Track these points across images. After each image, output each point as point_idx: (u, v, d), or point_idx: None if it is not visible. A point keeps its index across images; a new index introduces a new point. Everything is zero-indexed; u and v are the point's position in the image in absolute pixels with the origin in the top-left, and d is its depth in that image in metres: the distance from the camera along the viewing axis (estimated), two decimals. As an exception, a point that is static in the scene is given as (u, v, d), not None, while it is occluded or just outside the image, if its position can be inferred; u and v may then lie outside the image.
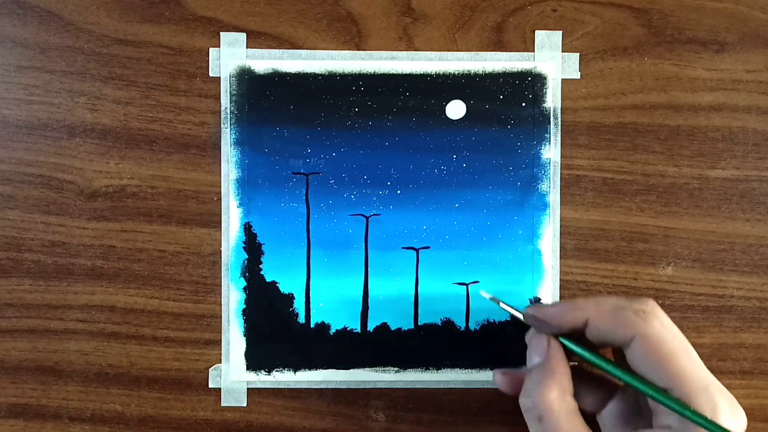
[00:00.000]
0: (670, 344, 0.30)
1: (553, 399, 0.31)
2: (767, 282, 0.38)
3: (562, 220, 0.37)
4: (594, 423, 0.33)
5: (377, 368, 0.37)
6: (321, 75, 0.37)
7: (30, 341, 0.37)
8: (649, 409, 0.30)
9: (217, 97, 0.37)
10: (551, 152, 0.37)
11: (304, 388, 0.38)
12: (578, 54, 0.37)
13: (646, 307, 0.31)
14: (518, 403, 0.31)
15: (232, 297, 0.37)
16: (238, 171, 0.37)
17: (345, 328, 0.37)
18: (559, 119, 0.37)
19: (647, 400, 0.30)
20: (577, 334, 0.32)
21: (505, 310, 0.34)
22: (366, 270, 0.37)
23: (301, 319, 0.37)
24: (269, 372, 0.37)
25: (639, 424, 0.32)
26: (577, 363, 0.34)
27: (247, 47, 0.37)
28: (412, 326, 0.37)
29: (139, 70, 0.37)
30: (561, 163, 0.37)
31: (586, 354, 0.31)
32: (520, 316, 0.33)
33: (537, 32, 0.37)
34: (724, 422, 0.28)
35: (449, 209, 0.37)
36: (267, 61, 0.37)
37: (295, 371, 0.37)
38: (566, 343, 0.32)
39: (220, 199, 0.37)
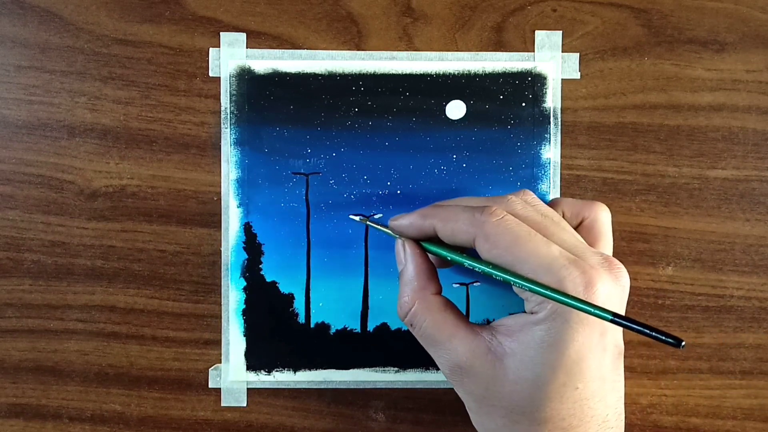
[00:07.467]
0: (509, 234, 0.29)
1: (415, 302, 0.31)
2: (767, 282, 0.38)
3: (562, 220, 0.37)
4: None
5: (377, 368, 0.37)
6: (321, 75, 0.37)
7: (30, 341, 0.37)
8: None
9: (217, 97, 0.37)
10: (551, 152, 0.37)
11: (304, 388, 0.38)
12: (578, 54, 0.37)
13: (489, 205, 0.30)
14: None
15: (232, 297, 0.37)
16: (238, 171, 0.37)
17: (345, 328, 0.37)
18: (559, 119, 0.37)
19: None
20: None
21: (374, 228, 0.35)
22: (366, 270, 0.37)
23: (301, 319, 0.37)
24: (269, 372, 0.37)
25: None
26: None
27: (247, 47, 0.37)
28: (412, 326, 0.37)
29: (139, 70, 0.37)
30: (561, 163, 0.37)
31: (444, 252, 0.32)
32: (388, 231, 0.34)
33: (537, 32, 0.37)
34: (571, 292, 0.27)
35: (449, 209, 0.37)
36: (267, 61, 0.37)
37: (295, 371, 0.37)
38: (425, 245, 0.33)
39: (220, 199, 0.37)
